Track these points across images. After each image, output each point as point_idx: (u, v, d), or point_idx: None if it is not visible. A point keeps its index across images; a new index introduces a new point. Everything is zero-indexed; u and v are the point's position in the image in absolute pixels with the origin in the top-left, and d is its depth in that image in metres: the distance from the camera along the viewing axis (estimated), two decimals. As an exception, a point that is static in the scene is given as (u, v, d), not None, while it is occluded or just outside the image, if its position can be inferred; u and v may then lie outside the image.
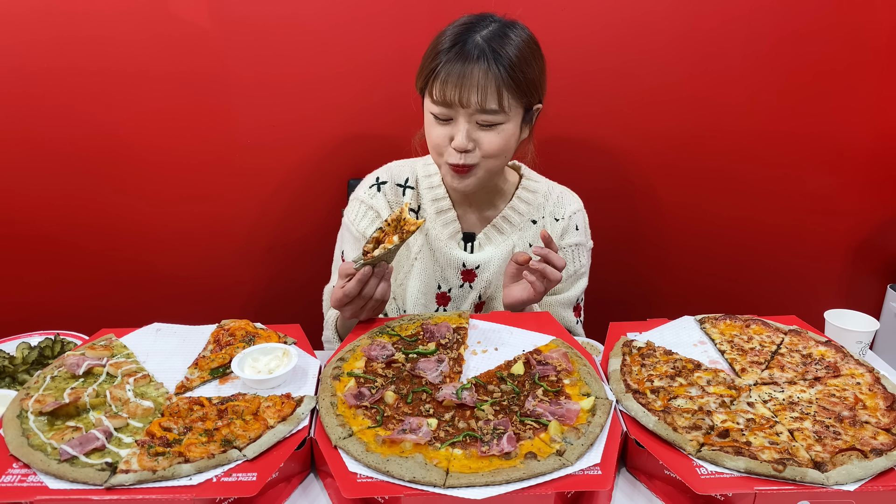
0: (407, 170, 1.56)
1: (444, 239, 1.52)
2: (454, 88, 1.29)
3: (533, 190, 1.55)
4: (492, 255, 1.53)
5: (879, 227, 2.20)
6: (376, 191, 1.53)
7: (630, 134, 2.03)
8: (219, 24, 1.84)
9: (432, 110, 1.35)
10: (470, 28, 1.33)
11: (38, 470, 0.90)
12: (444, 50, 1.31)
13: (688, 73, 1.96)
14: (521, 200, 1.53)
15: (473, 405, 1.04)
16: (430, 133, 1.39)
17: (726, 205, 2.14)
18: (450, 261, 1.53)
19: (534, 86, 1.36)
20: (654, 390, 1.09)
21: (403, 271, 1.56)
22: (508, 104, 1.32)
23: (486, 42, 1.30)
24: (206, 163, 1.99)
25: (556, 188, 1.60)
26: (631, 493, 0.98)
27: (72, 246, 2.06)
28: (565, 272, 1.53)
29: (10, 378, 1.23)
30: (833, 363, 1.18)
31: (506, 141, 1.37)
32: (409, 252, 1.55)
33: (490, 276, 1.53)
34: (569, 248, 1.57)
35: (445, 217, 1.52)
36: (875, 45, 1.95)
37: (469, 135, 1.33)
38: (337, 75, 1.92)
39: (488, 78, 1.29)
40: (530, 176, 1.57)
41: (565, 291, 1.57)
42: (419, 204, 1.54)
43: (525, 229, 1.54)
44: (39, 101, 1.88)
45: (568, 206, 1.57)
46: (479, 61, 1.29)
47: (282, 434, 0.97)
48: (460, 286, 1.55)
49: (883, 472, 0.92)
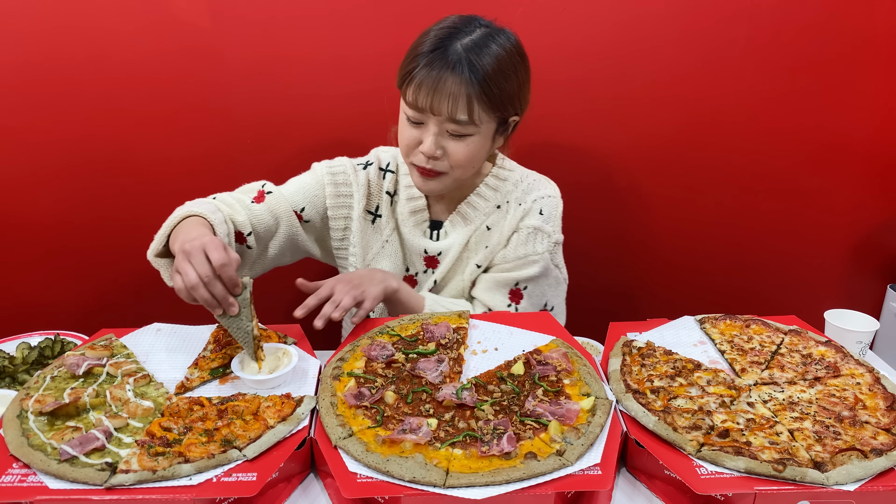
0: (389, 155, 1.60)
1: (411, 226, 1.54)
2: (427, 95, 1.29)
3: (503, 178, 1.53)
4: (453, 241, 1.53)
5: (879, 227, 2.20)
6: (362, 169, 1.56)
7: (630, 133, 2.03)
8: (219, 24, 1.84)
9: (406, 111, 1.36)
10: (453, 34, 1.31)
11: (38, 470, 0.90)
12: (424, 53, 1.31)
13: (688, 72, 1.96)
14: (489, 187, 1.52)
15: (473, 405, 1.04)
16: (401, 132, 1.40)
17: (726, 205, 2.14)
18: (413, 247, 1.55)
19: (509, 99, 1.35)
20: (654, 390, 1.09)
21: (372, 252, 1.57)
22: (479, 117, 1.31)
23: (465, 51, 1.29)
24: (206, 163, 1.99)
25: (531, 176, 1.57)
26: (631, 493, 0.98)
27: (72, 246, 2.05)
28: (513, 253, 1.49)
29: (10, 378, 1.23)
30: (833, 363, 1.18)
31: (474, 153, 1.37)
32: (380, 236, 1.57)
33: (449, 261, 1.53)
34: (525, 229, 1.49)
35: (415, 204, 1.53)
36: (875, 44, 1.95)
37: (437, 142, 1.34)
38: (338, 75, 1.92)
39: (461, 89, 1.28)
40: (503, 164, 1.55)
41: (504, 272, 1.51)
42: (395, 189, 1.57)
43: (489, 214, 1.53)
44: (39, 102, 1.88)
45: (536, 190, 1.53)
46: (455, 71, 1.28)
47: (282, 434, 0.97)
48: (424, 271, 1.57)
49: (883, 472, 0.92)
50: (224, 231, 1.33)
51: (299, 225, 1.52)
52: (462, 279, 1.54)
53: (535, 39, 1.44)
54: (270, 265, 1.57)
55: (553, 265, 1.53)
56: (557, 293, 1.57)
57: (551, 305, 1.56)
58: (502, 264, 1.51)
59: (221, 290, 1.10)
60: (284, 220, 1.50)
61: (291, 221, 1.51)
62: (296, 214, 1.51)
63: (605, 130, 2.02)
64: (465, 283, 1.54)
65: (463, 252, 1.54)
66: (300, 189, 1.53)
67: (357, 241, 1.56)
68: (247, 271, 1.52)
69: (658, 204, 2.13)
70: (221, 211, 1.38)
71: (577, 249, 2.12)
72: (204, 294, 1.09)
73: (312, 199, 1.53)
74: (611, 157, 2.05)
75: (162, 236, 1.30)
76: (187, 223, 1.28)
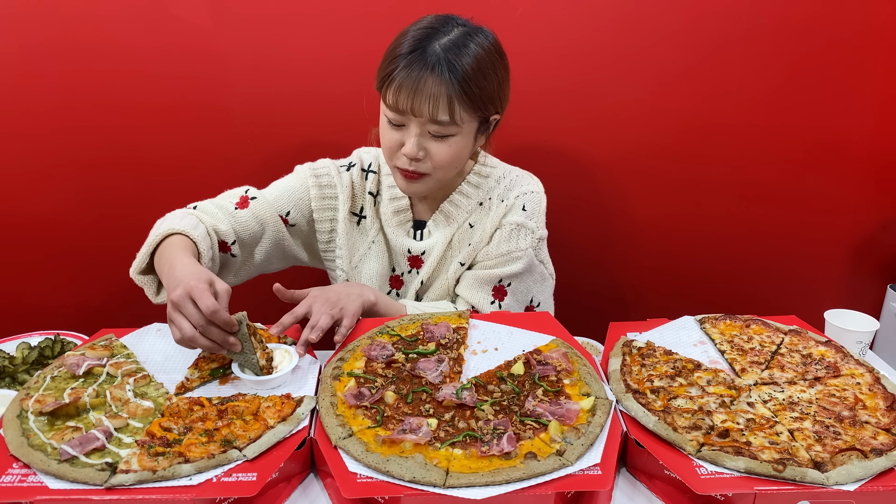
0: (371, 156, 1.60)
1: (394, 226, 1.54)
2: (407, 97, 1.29)
3: (485, 175, 1.53)
4: (436, 240, 1.53)
5: (880, 227, 2.20)
6: (346, 170, 1.56)
7: (630, 133, 2.03)
8: (219, 24, 1.85)
9: (386, 114, 1.35)
10: (431, 34, 1.31)
11: (38, 470, 0.90)
12: (403, 55, 1.30)
13: (688, 72, 1.96)
14: (471, 185, 1.52)
15: (473, 405, 1.04)
16: (383, 135, 1.40)
17: (726, 205, 2.14)
18: (398, 247, 1.55)
19: (489, 98, 1.34)
20: (654, 390, 1.09)
21: (359, 253, 1.57)
22: (461, 117, 1.31)
23: (443, 51, 1.28)
24: (206, 163, 1.99)
25: (514, 172, 1.56)
26: (631, 493, 0.98)
27: (72, 246, 2.06)
28: (496, 250, 1.48)
29: (10, 378, 1.23)
30: (833, 363, 1.18)
31: (457, 153, 1.36)
32: (366, 236, 1.57)
33: (433, 261, 1.53)
34: (508, 225, 1.48)
35: (398, 205, 1.53)
36: (875, 44, 1.95)
37: (420, 144, 1.33)
38: (339, 76, 1.92)
39: (441, 90, 1.28)
40: (486, 161, 1.54)
41: (488, 268, 1.49)
42: (378, 189, 1.57)
43: (471, 212, 1.53)
44: (39, 102, 1.88)
45: (518, 187, 1.51)
46: (434, 71, 1.27)
47: (282, 434, 0.97)
48: (409, 272, 1.57)
49: (883, 472, 0.92)
50: (207, 245, 1.34)
51: (285, 229, 1.52)
52: (447, 278, 1.53)
53: (535, 39, 1.44)
54: (256, 271, 1.56)
55: (538, 261, 1.52)
56: (543, 289, 1.56)
57: (537, 301, 1.55)
58: (485, 261, 1.50)
59: (219, 334, 1.09)
60: (270, 225, 1.50)
61: (277, 226, 1.51)
62: (281, 219, 1.51)
63: (606, 130, 2.02)
64: (450, 281, 1.54)
65: (446, 251, 1.53)
66: (284, 192, 1.52)
67: (343, 243, 1.56)
68: (231, 277, 1.52)
69: (658, 204, 2.13)
70: (203, 223, 1.38)
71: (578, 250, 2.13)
72: (203, 342, 1.09)
73: (297, 202, 1.52)
74: (611, 156, 2.05)
75: (144, 255, 1.31)
76: (170, 245, 1.28)
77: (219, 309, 1.07)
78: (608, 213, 2.12)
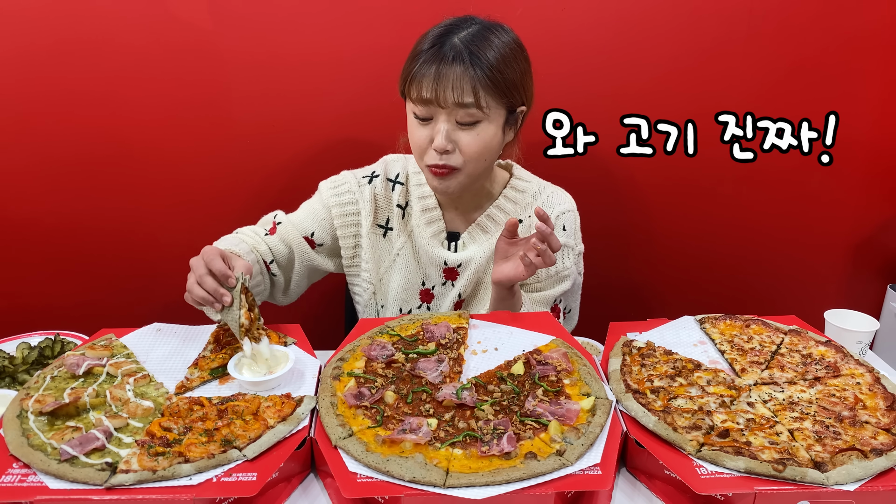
0: (399, 165, 1.58)
1: (427, 237, 1.53)
2: (430, 87, 1.30)
3: (521, 189, 1.54)
4: (474, 253, 1.52)
5: (880, 227, 2.20)
6: (367, 182, 1.55)
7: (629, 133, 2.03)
8: (219, 24, 1.84)
9: (413, 110, 1.36)
10: (450, 30, 1.33)
11: (38, 470, 0.90)
12: (424, 51, 1.32)
13: (688, 71, 1.96)
14: (508, 200, 1.52)
15: (473, 405, 1.04)
16: (412, 136, 1.40)
17: (726, 204, 2.14)
18: (432, 258, 1.53)
19: (514, 87, 1.35)
20: (654, 390, 1.09)
21: (385, 266, 1.56)
22: (486, 102, 1.31)
23: (463, 43, 1.30)
24: (206, 163, 1.99)
25: (548, 188, 1.57)
26: (631, 493, 0.98)
27: (72, 246, 2.05)
28: (546, 272, 1.51)
29: (10, 378, 1.23)
30: (833, 363, 1.18)
31: (486, 143, 1.36)
32: (392, 248, 1.56)
33: (472, 274, 1.52)
34: None
35: (430, 215, 1.52)
36: (876, 45, 1.95)
37: (448, 135, 1.33)
38: (339, 76, 1.92)
39: (464, 78, 1.29)
40: (521, 175, 1.56)
41: (544, 290, 1.53)
42: (407, 200, 1.55)
43: None
44: (39, 101, 1.88)
45: (557, 205, 1.53)
46: (456, 62, 1.29)
47: (282, 434, 0.97)
48: (443, 284, 1.55)
49: (883, 472, 0.92)
50: (253, 259, 1.43)
51: (311, 251, 1.54)
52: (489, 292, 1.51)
53: (534, 39, 1.45)
54: (298, 291, 1.61)
55: (577, 273, 1.58)
56: (577, 297, 1.63)
57: (570, 308, 1.61)
58: (535, 283, 1.53)
59: (212, 284, 1.17)
60: (296, 247, 1.53)
61: (303, 248, 1.53)
62: (306, 240, 1.53)
63: (605, 130, 2.02)
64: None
65: (488, 265, 1.52)
66: (309, 214, 1.55)
67: (369, 256, 1.56)
68: (281, 297, 1.59)
69: (658, 204, 2.13)
70: (246, 242, 1.47)
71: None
72: (197, 292, 1.18)
73: (321, 222, 1.54)
74: (610, 156, 2.05)
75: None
76: None
77: (216, 258, 1.17)
78: (607, 214, 2.12)
